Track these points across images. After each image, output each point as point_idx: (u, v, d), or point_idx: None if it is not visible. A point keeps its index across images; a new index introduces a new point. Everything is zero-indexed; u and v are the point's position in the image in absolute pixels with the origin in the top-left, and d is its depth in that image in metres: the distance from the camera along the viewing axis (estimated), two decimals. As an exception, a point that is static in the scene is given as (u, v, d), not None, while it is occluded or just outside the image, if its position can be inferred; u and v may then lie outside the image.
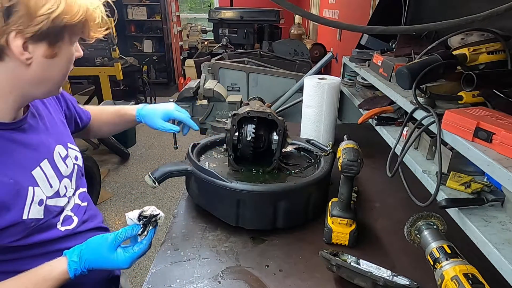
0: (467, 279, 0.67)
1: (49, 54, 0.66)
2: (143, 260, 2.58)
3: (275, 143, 1.13)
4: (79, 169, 0.91)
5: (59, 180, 0.82)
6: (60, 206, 0.82)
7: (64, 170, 0.84)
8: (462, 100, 1.00)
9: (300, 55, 4.23)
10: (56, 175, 0.81)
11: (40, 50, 0.64)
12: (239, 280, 0.85)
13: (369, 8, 2.79)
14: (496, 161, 0.71)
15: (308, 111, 1.55)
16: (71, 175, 0.87)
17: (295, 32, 6.04)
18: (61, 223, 0.82)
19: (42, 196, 0.75)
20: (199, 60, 4.52)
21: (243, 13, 5.02)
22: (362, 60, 1.80)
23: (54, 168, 0.80)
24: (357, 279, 0.81)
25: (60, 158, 0.83)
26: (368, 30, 1.22)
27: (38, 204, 0.74)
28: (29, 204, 0.72)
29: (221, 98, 2.27)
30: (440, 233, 0.82)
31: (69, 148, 0.88)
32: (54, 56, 0.67)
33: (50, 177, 0.79)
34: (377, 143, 1.47)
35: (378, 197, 1.24)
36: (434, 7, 1.68)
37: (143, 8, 7.04)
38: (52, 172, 0.80)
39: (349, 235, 0.96)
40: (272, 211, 0.99)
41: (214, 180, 1.00)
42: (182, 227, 1.05)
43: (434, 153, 1.06)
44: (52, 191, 0.79)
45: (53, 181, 0.79)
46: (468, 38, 1.15)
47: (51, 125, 0.85)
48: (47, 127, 0.83)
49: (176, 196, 3.38)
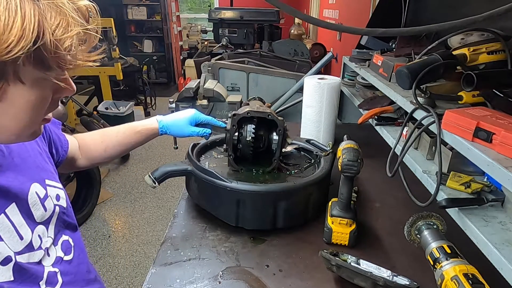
0: (467, 279, 0.67)
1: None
2: (143, 260, 2.58)
3: (275, 143, 1.13)
4: (61, 210, 0.73)
5: (31, 229, 0.65)
6: (35, 262, 0.65)
7: (40, 215, 0.67)
8: (462, 100, 1.00)
9: (300, 55, 4.23)
10: (27, 222, 0.64)
11: None
12: (239, 280, 0.85)
13: (369, 8, 2.79)
14: (496, 161, 0.71)
15: (308, 111, 1.55)
16: (48, 220, 0.70)
17: (295, 32, 6.04)
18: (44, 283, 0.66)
19: (8, 253, 0.59)
20: (199, 60, 4.52)
21: (243, 13, 5.02)
22: (362, 60, 1.80)
23: (24, 214, 0.63)
24: (357, 279, 0.81)
25: (38, 199, 0.67)
26: (369, 32, 1.23)
27: (2, 264, 0.58)
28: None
29: (221, 98, 2.27)
30: (440, 233, 0.82)
31: (48, 186, 0.71)
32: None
33: (18, 226, 0.62)
34: (377, 143, 1.47)
35: (378, 197, 1.24)
36: (434, 7, 1.68)
37: (143, 8, 7.05)
38: (21, 219, 0.63)
39: (349, 235, 0.96)
40: (272, 211, 0.99)
41: (214, 180, 1.00)
42: (182, 227, 1.05)
43: (434, 153, 1.06)
44: (23, 244, 0.62)
45: (23, 230, 0.63)
46: (468, 38, 1.15)
47: (23, 160, 0.68)
48: (17, 164, 0.66)
49: (176, 196, 3.38)
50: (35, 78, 0.49)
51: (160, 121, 1.04)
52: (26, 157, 0.69)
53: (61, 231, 0.74)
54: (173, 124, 1.04)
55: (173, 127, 1.04)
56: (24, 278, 0.62)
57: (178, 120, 1.05)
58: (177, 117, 1.05)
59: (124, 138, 1.01)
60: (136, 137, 1.02)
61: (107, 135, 1.01)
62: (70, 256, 0.74)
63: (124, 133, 1.01)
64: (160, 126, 1.04)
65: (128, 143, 1.02)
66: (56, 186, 0.74)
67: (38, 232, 0.66)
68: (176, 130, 1.05)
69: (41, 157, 0.74)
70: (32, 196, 0.66)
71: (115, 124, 1.09)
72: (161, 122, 1.04)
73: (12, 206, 0.61)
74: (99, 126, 3.37)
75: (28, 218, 0.64)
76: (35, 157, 0.73)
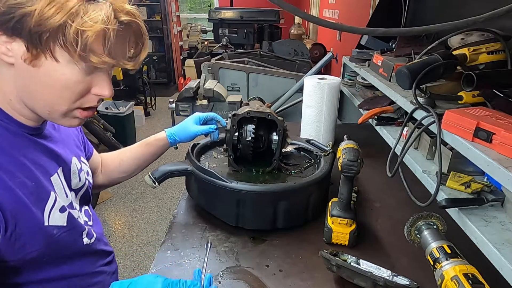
0: (467, 279, 0.67)
1: (28, 58, 0.58)
2: (143, 260, 2.58)
3: (275, 143, 1.13)
4: (89, 184, 0.87)
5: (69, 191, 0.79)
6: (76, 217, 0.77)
7: (75, 183, 0.81)
8: (462, 100, 1.00)
9: (300, 55, 4.23)
10: (68, 186, 0.78)
11: (19, 50, 0.58)
12: (239, 280, 0.85)
13: (369, 8, 2.79)
14: (496, 161, 0.71)
15: (308, 111, 1.55)
16: (78, 190, 0.83)
17: (295, 32, 6.04)
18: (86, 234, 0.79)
19: (64, 203, 0.73)
20: (199, 60, 4.51)
21: (243, 13, 5.02)
22: (362, 60, 1.80)
23: (66, 179, 0.77)
24: (357, 279, 0.81)
25: (76, 170, 0.82)
26: (370, 32, 1.23)
27: (60, 211, 0.71)
28: (49, 209, 0.68)
29: (221, 98, 2.27)
30: (440, 233, 0.82)
31: (82, 162, 0.87)
32: (34, 64, 0.59)
33: (64, 186, 0.76)
34: (377, 143, 1.47)
35: (378, 197, 1.24)
36: (434, 7, 1.68)
37: (143, 8, 7.03)
38: (64, 182, 0.77)
39: (349, 235, 0.96)
40: (272, 211, 0.99)
41: (214, 180, 1.00)
42: (182, 227, 1.05)
43: (434, 153, 1.06)
44: (67, 202, 0.75)
45: (66, 191, 0.77)
46: (468, 38, 1.15)
47: (67, 137, 0.84)
48: (63, 138, 0.82)
49: (176, 196, 3.38)
50: (67, 60, 0.59)
51: (167, 130, 1.11)
52: (69, 136, 0.85)
53: (84, 202, 0.86)
54: (178, 129, 1.10)
55: (179, 131, 1.10)
56: (72, 226, 0.74)
57: (183, 123, 1.11)
58: (182, 122, 1.11)
59: (137, 151, 1.08)
60: (147, 149, 1.08)
61: (122, 151, 1.10)
62: (91, 223, 0.86)
63: (136, 147, 1.09)
64: (167, 134, 1.09)
65: (141, 156, 1.08)
66: (87, 165, 0.90)
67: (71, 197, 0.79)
68: (182, 133, 1.09)
69: (78, 141, 0.90)
70: (73, 165, 0.80)
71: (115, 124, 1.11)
72: (168, 131, 1.10)
73: (60, 169, 0.75)
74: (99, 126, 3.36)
75: (67, 183, 0.77)
76: (76, 139, 0.89)
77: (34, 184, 0.66)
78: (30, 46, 0.57)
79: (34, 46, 0.57)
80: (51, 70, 0.60)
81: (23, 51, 0.58)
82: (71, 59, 0.59)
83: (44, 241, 0.67)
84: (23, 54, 0.58)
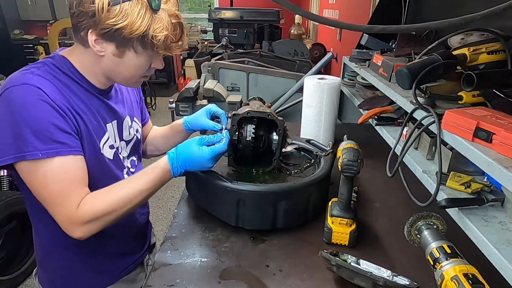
0: (467, 279, 0.67)
1: (116, 54, 0.86)
2: (143, 260, 2.58)
3: (275, 143, 1.13)
4: (137, 140, 1.12)
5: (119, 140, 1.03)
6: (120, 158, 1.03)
7: (126, 135, 1.06)
8: (462, 100, 1.00)
9: (300, 55, 4.22)
10: (119, 136, 1.03)
11: (110, 48, 0.85)
12: (239, 280, 0.85)
13: (369, 8, 2.79)
14: (496, 161, 0.71)
15: (308, 111, 1.55)
16: (128, 142, 1.07)
17: (295, 32, 6.03)
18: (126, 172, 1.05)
19: (113, 143, 0.99)
20: (199, 60, 4.50)
21: (243, 13, 5.02)
22: (362, 60, 1.80)
23: (119, 130, 1.02)
24: (357, 279, 0.81)
25: (127, 125, 1.06)
26: (368, 29, 1.23)
27: (110, 148, 0.97)
28: (103, 142, 0.95)
29: (221, 98, 2.27)
30: (440, 233, 0.82)
31: (134, 121, 1.11)
32: (120, 56, 0.86)
33: (115, 134, 1.01)
34: (377, 143, 1.47)
35: (378, 197, 1.24)
36: (434, 7, 1.68)
37: (143, 8, 7.03)
38: (117, 132, 1.02)
39: (349, 235, 0.96)
40: (272, 211, 0.99)
41: (214, 180, 1.00)
42: (182, 227, 1.05)
43: (434, 153, 1.06)
44: (116, 145, 1.01)
45: (116, 139, 1.01)
46: (468, 38, 1.15)
47: (126, 101, 1.08)
48: (123, 101, 1.07)
49: (176, 196, 3.38)
50: (142, 51, 0.87)
51: (184, 117, 1.24)
52: (128, 98, 1.10)
53: (132, 153, 1.10)
54: (192, 118, 1.20)
55: (192, 120, 1.19)
56: (116, 160, 1.01)
57: (197, 112, 1.20)
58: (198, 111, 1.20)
59: (163, 131, 1.30)
60: (170, 131, 1.28)
61: (158, 129, 1.32)
62: (133, 170, 1.10)
63: (165, 128, 1.30)
64: (183, 121, 1.22)
65: (165, 136, 1.29)
66: (138, 124, 1.14)
67: (121, 145, 1.04)
68: (194, 121, 1.18)
69: (136, 105, 1.16)
70: (125, 121, 1.05)
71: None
72: (185, 118, 1.23)
73: (115, 121, 1.01)
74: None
75: (118, 132, 1.03)
76: (133, 102, 1.14)
77: (96, 124, 0.93)
78: (120, 46, 0.84)
79: (123, 46, 0.85)
80: (131, 59, 0.88)
81: (113, 49, 0.85)
82: (145, 51, 0.87)
83: (97, 164, 0.93)
84: (112, 51, 0.85)
